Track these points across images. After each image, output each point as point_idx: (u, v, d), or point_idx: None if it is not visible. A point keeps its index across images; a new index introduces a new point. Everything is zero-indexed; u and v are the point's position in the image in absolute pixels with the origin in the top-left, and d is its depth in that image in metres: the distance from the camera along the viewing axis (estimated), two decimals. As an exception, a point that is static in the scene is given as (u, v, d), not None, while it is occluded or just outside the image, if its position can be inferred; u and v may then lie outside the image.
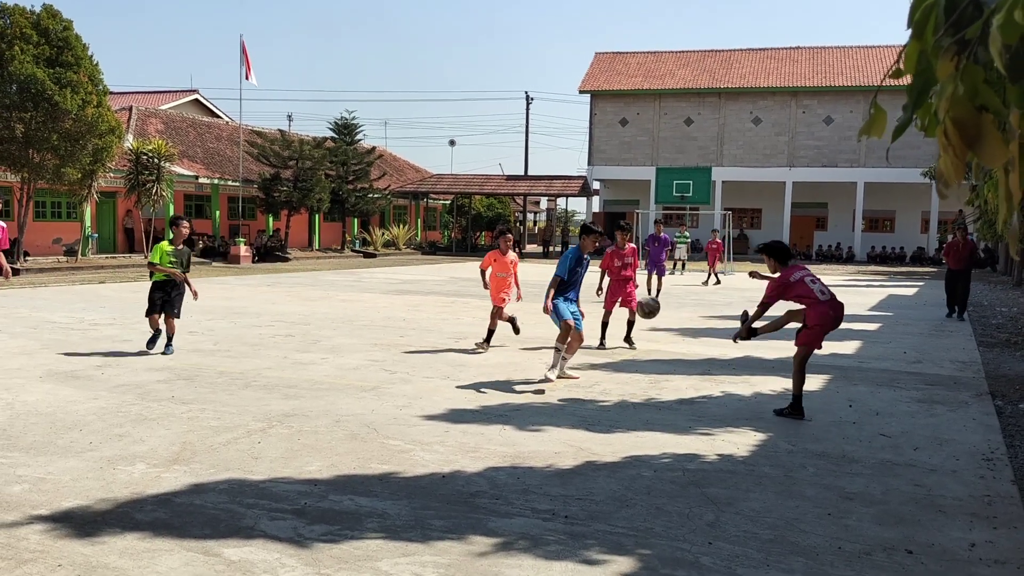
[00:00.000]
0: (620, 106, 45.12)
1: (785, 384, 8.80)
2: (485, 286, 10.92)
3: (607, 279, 11.45)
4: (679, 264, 30.27)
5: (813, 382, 8.97)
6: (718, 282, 24.28)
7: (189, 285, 10.01)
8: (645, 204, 43.66)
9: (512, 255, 10.83)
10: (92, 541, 4.19)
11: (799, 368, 7.25)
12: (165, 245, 9.89)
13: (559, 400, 7.75)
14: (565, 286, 8.65)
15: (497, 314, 10.66)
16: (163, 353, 9.70)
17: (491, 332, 10.70)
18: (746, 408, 7.62)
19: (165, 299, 9.78)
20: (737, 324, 14.13)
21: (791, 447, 6.29)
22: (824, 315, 7.08)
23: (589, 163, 45.56)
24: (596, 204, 48.26)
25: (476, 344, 10.74)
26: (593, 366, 9.66)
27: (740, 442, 6.39)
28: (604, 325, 11.22)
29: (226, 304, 15.55)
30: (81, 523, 4.42)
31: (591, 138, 45.62)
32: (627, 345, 11.18)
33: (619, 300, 11.21)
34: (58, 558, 3.98)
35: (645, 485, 5.29)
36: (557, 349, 8.58)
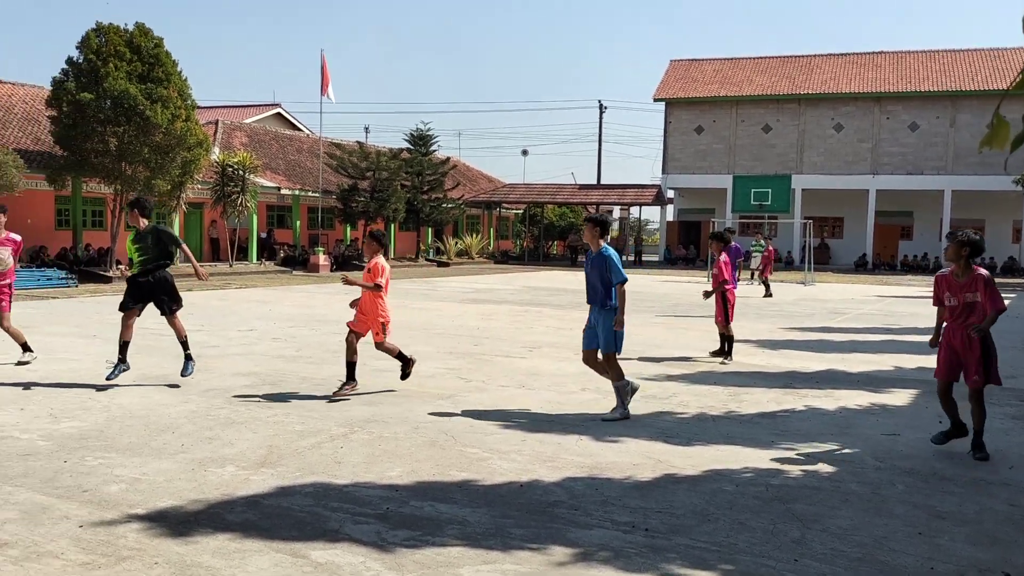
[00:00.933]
0: (696, 114, 44.60)
1: (872, 399, 8.56)
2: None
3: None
4: (755, 274, 29.67)
5: (901, 396, 8.70)
6: (769, 294, 22.67)
7: (195, 269, 8.92)
8: (721, 213, 42.99)
9: (379, 260, 8.03)
10: (186, 540, 4.34)
11: None
12: (130, 235, 8.75)
13: (636, 412, 7.69)
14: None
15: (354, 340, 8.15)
16: (183, 375, 8.48)
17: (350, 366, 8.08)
18: (831, 423, 7.43)
19: (142, 296, 8.52)
20: (817, 337, 13.83)
21: (879, 464, 6.11)
22: None
23: (663, 171, 45.14)
24: (670, 213, 47.76)
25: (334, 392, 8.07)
26: (670, 377, 9.56)
27: (825, 458, 6.23)
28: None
29: (307, 312, 15.92)
30: (175, 522, 4.59)
31: (665, 146, 45.20)
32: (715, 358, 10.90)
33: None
34: (154, 556, 4.14)
35: (727, 500, 5.21)
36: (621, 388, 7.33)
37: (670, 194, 46.46)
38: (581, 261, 43.12)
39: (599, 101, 60.15)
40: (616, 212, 73.04)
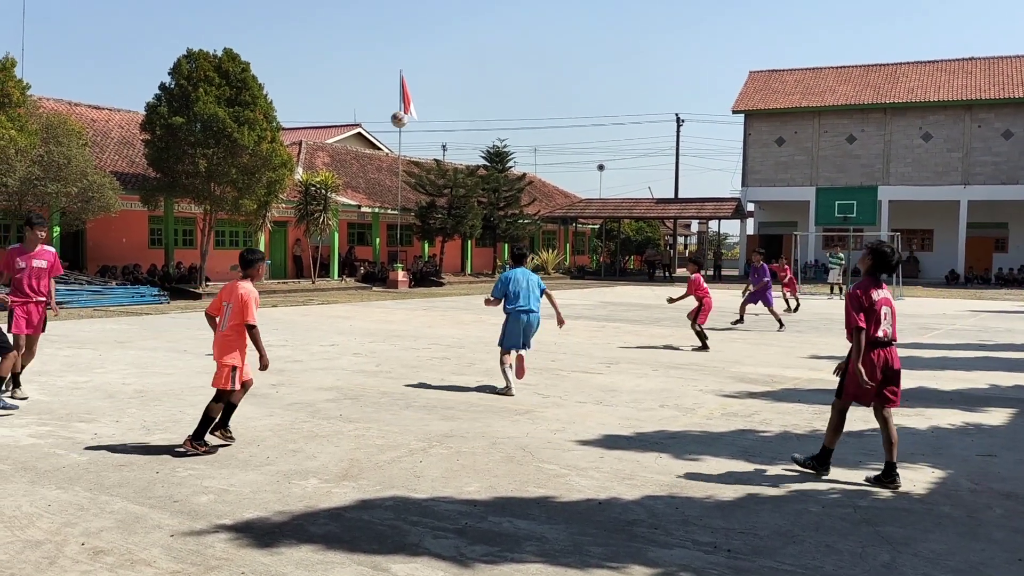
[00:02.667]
0: (776, 125, 43.76)
1: (965, 418, 8.20)
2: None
3: None
4: (835, 288, 28.90)
5: (998, 416, 8.31)
6: (788, 308, 20.34)
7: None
8: (803, 226, 41.98)
9: (241, 288, 6.72)
10: (271, 551, 4.45)
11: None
12: None
13: (717, 429, 7.56)
14: None
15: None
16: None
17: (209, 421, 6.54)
18: (922, 443, 7.15)
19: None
20: (907, 353, 13.32)
21: (974, 486, 5.84)
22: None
23: (743, 184, 44.39)
24: (751, 226, 46.89)
25: None
26: (752, 395, 9.35)
27: (916, 479, 6.00)
28: None
29: (386, 327, 16.18)
30: (261, 533, 4.71)
31: (745, 158, 44.46)
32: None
33: None
34: (241, 566, 4.25)
35: (813, 521, 5.06)
36: None
37: (750, 207, 45.63)
38: (659, 276, 42.71)
39: (676, 114, 59.67)
40: (694, 226, 72.16)
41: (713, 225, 68.10)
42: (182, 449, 6.40)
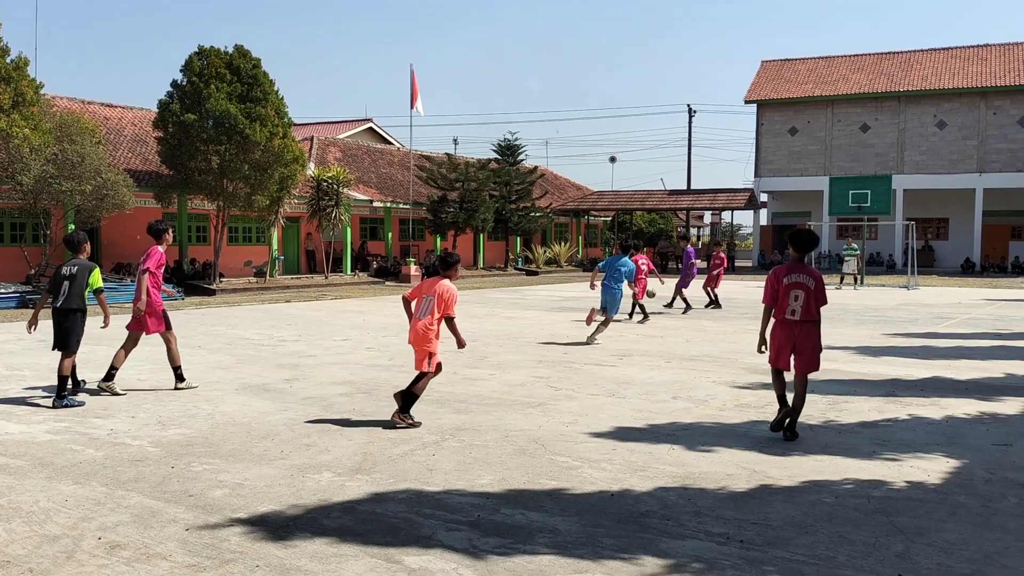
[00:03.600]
0: (789, 114, 43.50)
1: (981, 407, 8.16)
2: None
3: None
4: (850, 278, 28.68)
5: (1013, 405, 8.25)
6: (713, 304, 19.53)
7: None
8: (817, 216, 41.76)
9: (445, 285, 7.50)
10: (285, 544, 4.48)
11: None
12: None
13: (730, 421, 7.54)
14: None
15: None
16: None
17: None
18: (937, 432, 7.11)
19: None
20: (921, 343, 13.26)
21: (989, 475, 5.81)
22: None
23: (756, 175, 44.17)
24: (764, 217, 46.66)
25: None
26: (765, 386, 9.31)
27: (931, 469, 5.97)
28: None
29: (398, 321, 16.22)
30: (275, 527, 4.74)
31: (758, 149, 44.23)
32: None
33: None
34: (255, 559, 4.29)
35: (826, 511, 5.05)
36: None
37: (763, 197, 45.40)
38: (672, 268, 42.58)
39: (688, 105, 59.34)
40: (707, 217, 71.90)
41: (726, 216, 67.87)
42: (401, 424, 7.14)
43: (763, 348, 7.07)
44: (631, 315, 16.58)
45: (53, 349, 8.31)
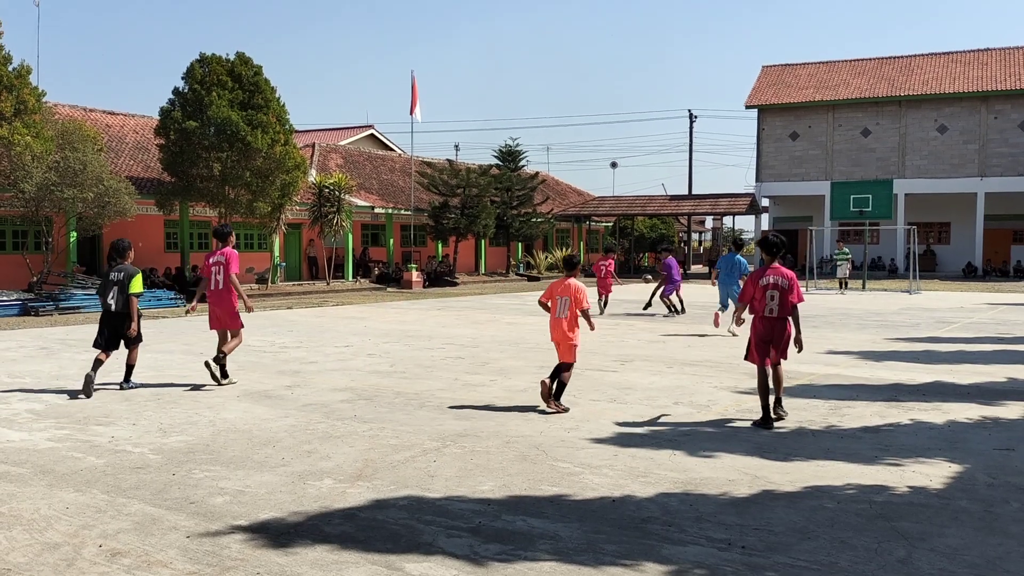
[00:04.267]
0: (790, 119, 43.54)
1: (983, 412, 8.14)
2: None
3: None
4: (842, 283, 28.76)
5: (1015, 409, 8.24)
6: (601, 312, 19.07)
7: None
8: (819, 220, 41.75)
9: (573, 283, 8.33)
10: (286, 551, 4.48)
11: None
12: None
13: (731, 426, 7.53)
14: None
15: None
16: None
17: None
18: (939, 437, 7.10)
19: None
20: (923, 347, 13.25)
21: (991, 480, 5.80)
22: None
23: (757, 180, 44.20)
24: (765, 222, 46.67)
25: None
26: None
27: (933, 474, 5.96)
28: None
29: (400, 327, 16.23)
30: (276, 534, 4.74)
31: (759, 154, 44.26)
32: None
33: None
34: (257, 566, 4.28)
35: (828, 517, 5.04)
36: None
37: (765, 202, 45.43)
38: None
39: (689, 110, 59.42)
40: (709, 222, 71.90)
41: (728, 221, 67.87)
42: (550, 410, 7.99)
43: (741, 319, 8.08)
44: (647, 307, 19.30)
45: (98, 347, 9.19)
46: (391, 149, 49.95)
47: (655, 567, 4.27)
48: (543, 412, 8.05)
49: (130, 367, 9.31)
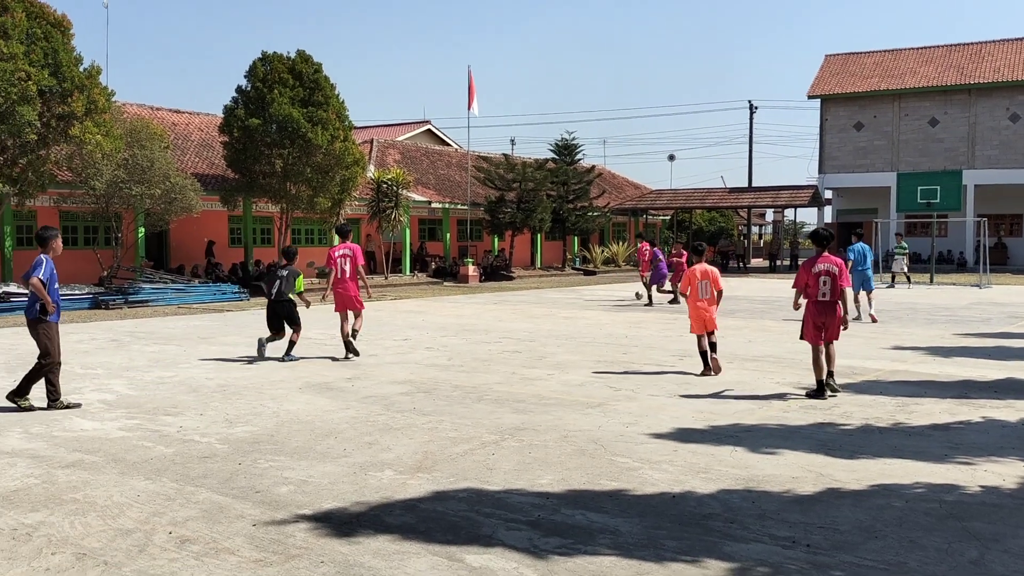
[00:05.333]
0: (854, 109, 42.48)
1: (1060, 410, 7.84)
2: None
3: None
4: (902, 277, 28.01)
5: (1095, 408, 7.91)
6: (644, 298, 20.54)
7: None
8: (884, 212, 40.68)
9: (709, 268, 10.46)
10: (349, 541, 4.55)
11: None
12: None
13: (794, 423, 7.40)
14: None
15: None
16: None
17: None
18: (1012, 436, 6.86)
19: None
20: (995, 343, 12.80)
21: (1070, 481, 5.58)
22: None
23: (820, 171, 43.24)
24: (828, 214, 45.65)
25: None
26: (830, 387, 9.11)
27: (1007, 473, 5.77)
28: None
29: (457, 321, 16.33)
30: (339, 523, 4.82)
31: (822, 145, 43.30)
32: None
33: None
34: (320, 555, 4.35)
35: (896, 516, 4.91)
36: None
37: (828, 194, 44.43)
38: (733, 267, 41.99)
39: (749, 101, 58.40)
40: (769, 215, 70.62)
41: (789, 214, 66.55)
42: (712, 373, 9.75)
43: (798, 305, 8.94)
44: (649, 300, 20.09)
45: (272, 330, 11.27)
46: (447, 144, 50.22)
47: (717, 564, 4.22)
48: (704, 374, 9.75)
49: (292, 343, 11.13)
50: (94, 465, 6.05)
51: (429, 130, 51.61)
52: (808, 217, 72.74)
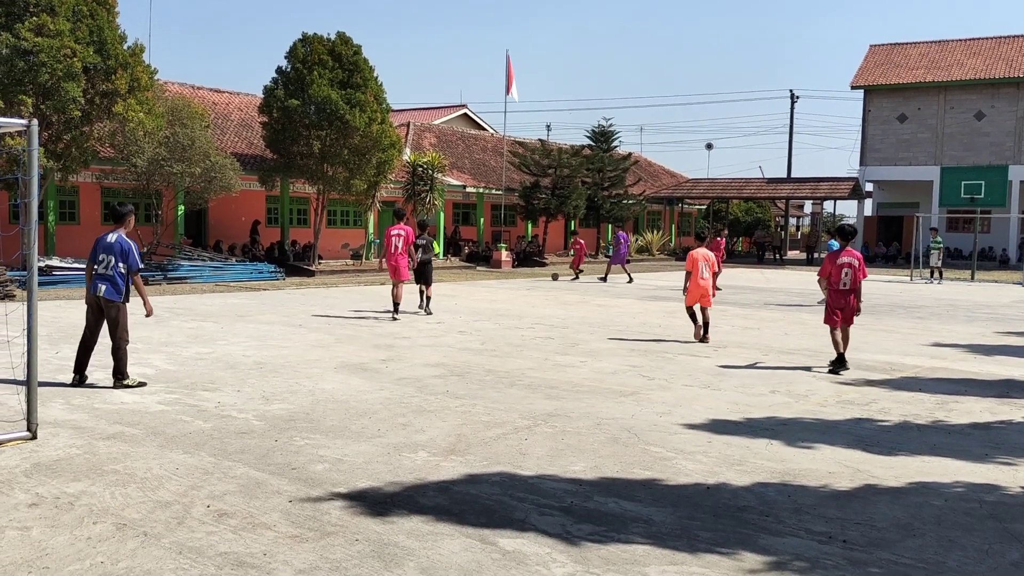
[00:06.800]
0: (898, 101, 41.67)
1: (1106, 413, 7.67)
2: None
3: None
4: (935, 272, 27.55)
5: None
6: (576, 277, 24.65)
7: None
8: (926, 207, 39.94)
9: (706, 251, 11.99)
10: (383, 520, 4.58)
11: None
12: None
13: (832, 417, 7.31)
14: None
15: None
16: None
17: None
18: (1056, 437, 6.72)
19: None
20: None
21: (1116, 486, 5.45)
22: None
23: (861, 163, 42.53)
24: (869, 207, 44.94)
25: None
26: (869, 382, 9.00)
27: (1050, 475, 5.65)
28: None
29: (490, 306, 16.35)
30: (373, 503, 4.86)
31: (864, 136, 42.56)
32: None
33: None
34: (356, 533, 4.40)
35: (934, 514, 4.84)
36: None
37: (869, 187, 43.72)
38: (768, 258, 41.53)
39: (790, 91, 57.53)
40: (808, 207, 69.70)
41: (828, 206, 65.63)
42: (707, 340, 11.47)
43: (824, 291, 9.97)
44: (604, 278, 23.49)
45: (418, 283, 14.86)
46: (483, 129, 50.15)
47: (752, 556, 4.19)
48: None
49: (428, 298, 14.76)
50: (134, 438, 6.16)
51: (465, 114, 51.57)
52: (848, 210, 71.62)
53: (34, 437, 6.01)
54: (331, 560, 4.05)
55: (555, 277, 24.89)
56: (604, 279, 24.22)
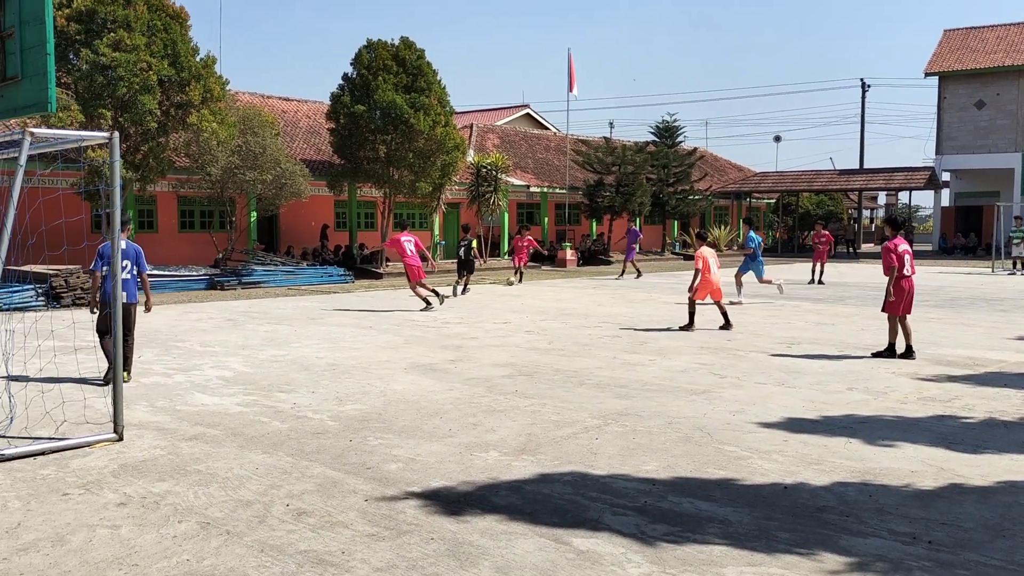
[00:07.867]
0: (975, 87, 40.18)
1: None
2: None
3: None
4: (1018, 263, 26.44)
5: None
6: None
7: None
8: (1007, 195, 38.40)
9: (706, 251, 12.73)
10: (457, 519, 4.62)
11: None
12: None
13: (913, 415, 7.09)
14: None
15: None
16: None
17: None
18: None
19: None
20: None
21: None
22: None
23: (937, 152, 41.15)
24: (945, 198, 43.45)
25: None
26: (952, 378, 8.71)
27: None
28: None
29: (556, 305, 16.33)
30: (447, 502, 4.90)
31: (939, 124, 41.16)
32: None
33: None
34: (430, 532, 4.44)
35: (1026, 515, 4.66)
36: None
37: (945, 176, 42.26)
38: (841, 252, 40.46)
39: (861, 79, 55.91)
40: (882, 198, 67.77)
41: (903, 197, 63.69)
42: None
43: (891, 296, 9.83)
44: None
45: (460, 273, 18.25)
46: (546, 128, 50.10)
47: (833, 558, 4.09)
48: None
49: (466, 284, 18.09)
50: (215, 439, 6.34)
51: (528, 114, 51.58)
52: (924, 200, 69.44)
53: (121, 439, 6.24)
54: (408, 559, 4.10)
55: (511, 283, 22.48)
56: (637, 275, 25.16)
